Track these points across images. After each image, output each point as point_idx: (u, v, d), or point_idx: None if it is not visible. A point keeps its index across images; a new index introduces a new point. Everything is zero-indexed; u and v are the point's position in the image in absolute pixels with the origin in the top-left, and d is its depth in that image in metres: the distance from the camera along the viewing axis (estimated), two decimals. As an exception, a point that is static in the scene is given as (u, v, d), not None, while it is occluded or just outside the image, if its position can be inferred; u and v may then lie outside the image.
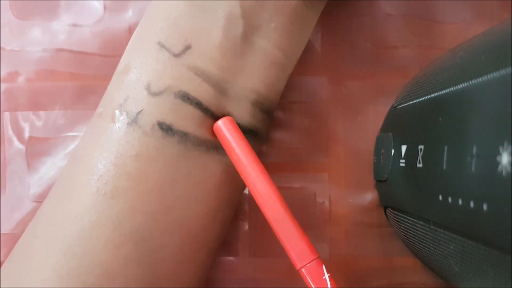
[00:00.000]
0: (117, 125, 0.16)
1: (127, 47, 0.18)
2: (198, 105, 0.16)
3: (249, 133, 0.18)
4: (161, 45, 0.16)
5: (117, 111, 0.16)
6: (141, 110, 0.16)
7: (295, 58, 0.19)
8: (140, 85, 0.16)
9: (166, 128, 0.16)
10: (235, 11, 0.16)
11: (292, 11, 0.17)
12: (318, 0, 0.18)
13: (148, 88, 0.16)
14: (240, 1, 0.16)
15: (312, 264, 0.15)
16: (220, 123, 0.16)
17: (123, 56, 0.17)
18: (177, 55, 0.16)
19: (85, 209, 0.16)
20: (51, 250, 0.16)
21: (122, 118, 0.16)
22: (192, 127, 0.16)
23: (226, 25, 0.16)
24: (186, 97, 0.16)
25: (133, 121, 0.16)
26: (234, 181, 0.18)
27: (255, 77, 0.17)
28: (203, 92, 0.16)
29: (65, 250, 0.16)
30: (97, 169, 0.16)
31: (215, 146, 0.17)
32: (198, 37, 0.16)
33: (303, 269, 0.16)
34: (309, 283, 0.15)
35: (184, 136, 0.16)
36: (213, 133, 0.17)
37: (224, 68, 0.17)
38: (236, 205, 0.20)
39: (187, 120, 0.16)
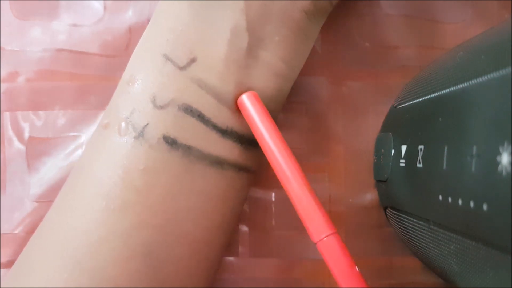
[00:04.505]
0: (124, 139, 0.16)
1: (132, 56, 0.18)
2: (200, 117, 0.16)
3: (251, 144, 0.18)
4: (167, 58, 0.16)
5: (123, 124, 0.16)
6: (147, 124, 0.16)
7: (298, 69, 0.19)
8: (145, 97, 0.16)
9: (171, 142, 0.16)
10: (241, 24, 0.17)
11: (296, 24, 0.17)
12: (320, 13, 0.18)
13: (153, 101, 0.16)
14: (245, 15, 0.16)
15: (329, 238, 0.15)
16: (243, 97, 0.17)
17: (128, 66, 0.17)
18: (182, 68, 0.16)
19: (94, 224, 0.16)
20: (60, 265, 0.16)
21: (128, 131, 0.16)
22: (194, 140, 0.16)
23: (231, 38, 0.16)
24: (189, 110, 0.16)
25: (140, 135, 0.16)
26: (238, 193, 0.18)
27: (258, 89, 0.17)
28: (206, 104, 0.17)
29: (74, 265, 0.16)
30: (105, 183, 0.16)
31: (219, 161, 0.17)
32: (203, 50, 0.16)
33: (320, 243, 0.15)
34: (325, 257, 0.15)
35: (187, 150, 0.16)
36: (216, 147, 0.17)
37: (228, 81, 0.17)
38: (240, 214, 0.20)
39: (190, 133, 0.16)
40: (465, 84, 0.13)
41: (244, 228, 0.22)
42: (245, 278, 0.22)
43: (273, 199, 0.22)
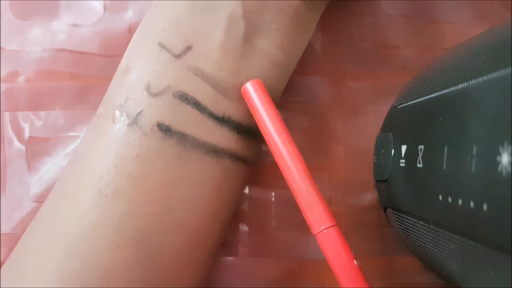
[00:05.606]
0: (117, 126, 0.16)
1: (128, 47, 0.18)
2: (196, 104, 0.16)
3: (248, 134, 0.18)
4: (162, 46, 0.16)
5: (117, 112, 0.16)
6: (141, 111, 0.16)
7: (296, 59, 0.19)
8: (140, 85, 0.16)
9: (165, 129, 0.16)
10: (237, 12, 0.16)
11: (294, 13, 0.17)
12: (319, 1, 0.18)
13: (148, 88, 0.16)
14: (242, 2, 0.16)
15: (329, 231, 0.15)
16: (248, 84, 0.17)
17: (124, 56, 0.17)
18: (177, 56, 0.16)
19: (87, 210, 0.16)
20: (52, 251, 0.16)
21: (122, 119, 0.16)
22: (190, 128, 0.16)
23: (227, 26, 0.16)
24: (184, 97, 0.16)
25: (133, 122, 0.16)
26: (235, 184, 0.18)
27: (255, 78, 0.17)
28: (202, 92, 0.16)
29: (66, 251, 0.16)
30: (98, 170, 0.16)
31: (215, 149, 0.17)
32: (199, 38, 0.16)
33: (319, 235, 0.15)
34: (324, 250, 0.15)
35: (182, 137, 0.16)
36: (212, 135, 0.17)
37: (224, 69, 0.17)
38: (237, 207, 0.20)
39: (185, 120, 0.16)
40: (465, 84, 0.13)
41: (244, 228, 0.22)
42: (245, 278, 0.22)
43: (273, 199, 0.22)
